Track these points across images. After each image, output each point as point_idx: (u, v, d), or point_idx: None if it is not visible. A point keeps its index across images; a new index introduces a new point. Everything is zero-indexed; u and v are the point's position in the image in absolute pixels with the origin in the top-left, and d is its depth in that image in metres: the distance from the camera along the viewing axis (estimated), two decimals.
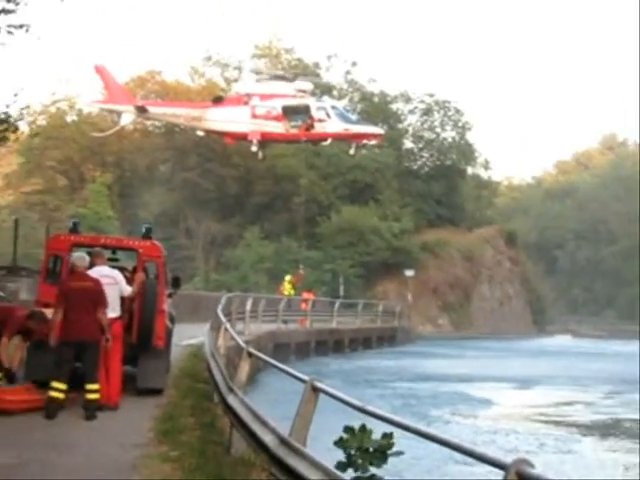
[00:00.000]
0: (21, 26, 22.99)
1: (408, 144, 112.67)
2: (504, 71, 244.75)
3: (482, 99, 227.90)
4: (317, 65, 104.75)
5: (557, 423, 35.26)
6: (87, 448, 15.62)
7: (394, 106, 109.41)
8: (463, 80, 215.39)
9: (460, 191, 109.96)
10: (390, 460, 10.03)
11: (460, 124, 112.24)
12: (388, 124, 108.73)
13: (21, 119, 29.11)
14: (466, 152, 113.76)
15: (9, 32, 22.98)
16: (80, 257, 18.45)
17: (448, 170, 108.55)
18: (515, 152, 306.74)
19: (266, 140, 70.01)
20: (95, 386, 17.57)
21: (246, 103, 68.92)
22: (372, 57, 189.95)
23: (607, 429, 34.63)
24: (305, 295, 62.67)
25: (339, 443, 10.48)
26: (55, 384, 17.18)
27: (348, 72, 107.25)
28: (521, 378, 51.75)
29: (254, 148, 69.95)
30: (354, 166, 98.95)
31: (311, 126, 66.89)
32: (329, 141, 75.19)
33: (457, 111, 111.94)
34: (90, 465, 14.33)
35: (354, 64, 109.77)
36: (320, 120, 67.13)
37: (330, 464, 9.88)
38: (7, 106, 28.47)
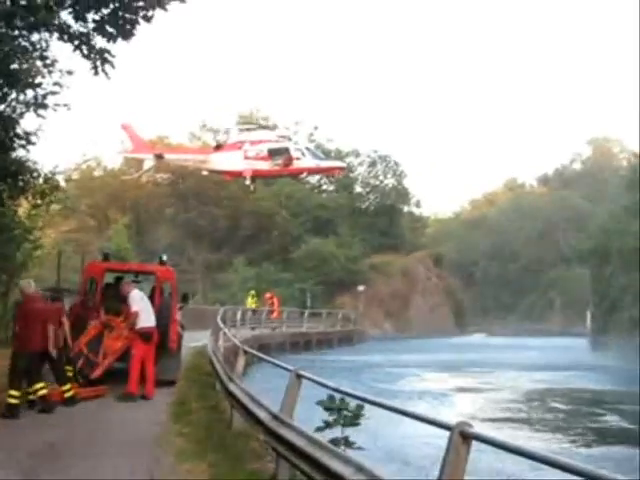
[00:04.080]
0: (65, 105, 22.94)
1: (358, 189, 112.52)
2: (432, 133, 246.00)
3: (414, 154, 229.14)
4: (287, 129, 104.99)
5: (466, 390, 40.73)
6: (119, 427, 15.65)
7: (347, 160, 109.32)
8: (401, 139, 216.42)
9: (398, 224, 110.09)
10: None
11: (398, 173, 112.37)
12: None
13: (58, 173, 28.98)
14: (402, 194, 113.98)
15: (54, 110, 22.94)
16: (26, 283, 17.50)
17: (389, 208, 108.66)
18: (439, 193, 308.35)
19: (256, 176, 70.17)
20: (40, 384, 16.61)
21: (240, 148, 68.99)
22: (330, 122, 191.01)
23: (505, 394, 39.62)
24: (267, 295, 62.13)
25: (322, 403, 10.51)
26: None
27: (311, 134, 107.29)
28: (445, 364, 54.82)
29: (247, 182, 70.19)
30: (318, 206, 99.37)
31: (290, 163, 67.14)
32: (305, 174, 75.86)
33: (395, 163, 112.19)
34: (121, 440, 14.38)
35: (316, 128, 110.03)
36: (297, 158, 67.39)
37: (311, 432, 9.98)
38: (55, 167, 28.44)
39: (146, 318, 19.54)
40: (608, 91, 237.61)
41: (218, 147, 73.88)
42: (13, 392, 15.97)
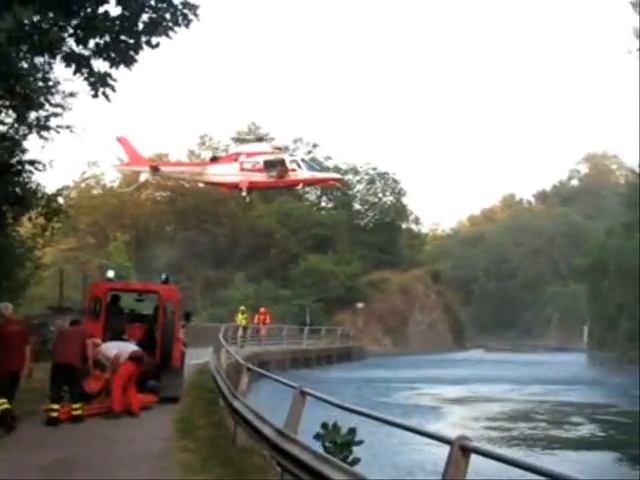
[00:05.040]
0: (67, 127, 23.27)
1: (357, 206, 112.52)
2: (430, 149, 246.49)
3: (412, 170, 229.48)
4: (286, 147, 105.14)
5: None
6: (127, 443, 15.93)
7: (346, 177, 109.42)
8: (399, 156, 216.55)
9: (397, 241, 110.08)
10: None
11: (396, 190, 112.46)
12: (341, 191, 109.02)
13: (60, 194, 29.28)
14: (401, 212, 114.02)
15: (57, 132, 23.26)
16: (4, 306, 17.93)
17: (387, 226, 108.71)
18: (437, 210, 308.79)
19: (252, 187, 70.33)
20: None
21: (236, 160, 69.16)
22: (328, 140, 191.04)
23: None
24: (262, 310, 61.11)
25: (317, 437, 10.92)
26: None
27: (310, 152, 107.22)
28: (441, 379, 55.66)
29: (244, 193, 70.33)
30: (316, 223, 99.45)
31: (285, 174, 67.31)
32: (300, 186, 76.00)
33: (394, 180, 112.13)
34: (129, 455, 14.65)
35: (315, 145, 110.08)
36: (293, 170, 67.58)
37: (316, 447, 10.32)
38: (58, 190, 28.75)
39: (125, 350, 19.85)
40: (605, 106, 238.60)
41: (214, 159, 74.12)
42: None
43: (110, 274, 24.10)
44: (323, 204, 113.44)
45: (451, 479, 6.83)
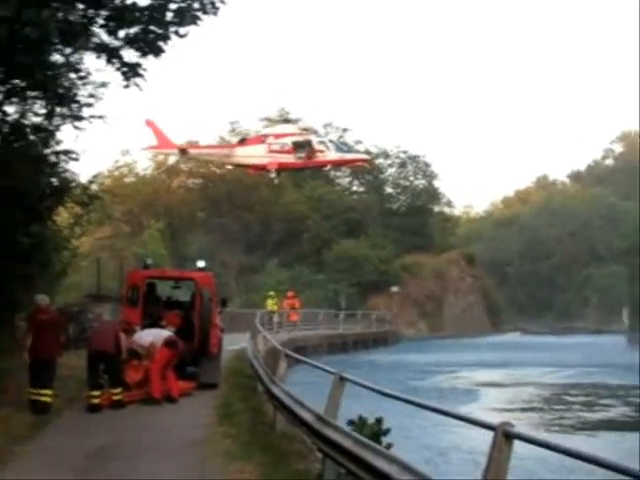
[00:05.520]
0: (100, 116, 23.38)
1: (388, 190, 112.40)
2: (463, 131, 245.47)
3: (444, 152, 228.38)
4: (316, 132, 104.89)
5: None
6: (169, 429, 16.09)
7: (377, 161, 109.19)
8: (431, 138, 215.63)
9: (429, 224, 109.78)
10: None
11: (428, 173, 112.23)
12: (372, 175, 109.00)
13: (94, 182, 29.50)
14: (433, 195, 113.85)
15: (90, 122, 23.38)
16: (40, 298, 18.56)
17: (420, 209, 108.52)
18: (470, 191, 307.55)
19: (281, 169, 70.32)
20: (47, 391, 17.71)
21: (264, 141, 69.19)
22: (359, 124, 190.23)
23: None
24: (290, 294, 58.74)
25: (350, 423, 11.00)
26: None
27: (340, 136, 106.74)
28: (477, 363, 55.56)
29: (272, 175, 70.36)
30: (348, 208, 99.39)
31: (313, 155, 67.23)
32: (328, 167, 75.89)
33: (425, 164, 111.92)
34: (171, 441, 14.80)
35: (345, 130, 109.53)
36: (321, 151, 67.50)
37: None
38: (93, 177, 29.01)
39: (158, 337, 20.03)
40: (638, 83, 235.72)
41: (242, 141, 74.16)
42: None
43: (149, 261, 24.33)
44: (355, 188, 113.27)
45: (495, 465, 6.85)
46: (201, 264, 24.00)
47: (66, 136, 24.94)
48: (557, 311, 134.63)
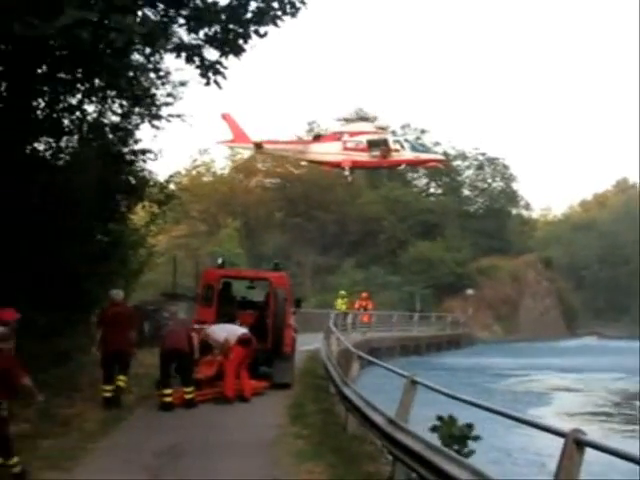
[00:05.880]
0: (178, 115, 23.58)
1: (466, 192, 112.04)
2: (541, 133, 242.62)
3: (523, 154, 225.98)
4: (394, 132, 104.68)
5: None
6: (240, 429, 16.13)
7: (454, 163, 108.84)
8: (509, 140, 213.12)
9: (507, 227, 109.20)
10: None
11: (506, 176, 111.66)
12: (450, 177, 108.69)
13: (171, 181, 29.72)
14: (511, 197, 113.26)
15: (168, 120, 23.59)
16: (115, 292, 19.10)
17: (497, 212, 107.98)
18: (548, 195, 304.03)
19: (355, 167, 70.16)
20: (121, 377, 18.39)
21: (339, 139, 69.20)
22: (436, 126, 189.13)
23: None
24: (364, 295, 55.57)
25: (434, 430, 10.89)
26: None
27: (418, 138, 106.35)
28: (552, 367, 54.60)
29: (346, 172, 70.24)
30: (425, 210, 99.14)
31: (388, 154, 66.96)
32: (403, 166, 75.40)
33: (504, 166, 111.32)
34: (242, 441, 14.83)
35: (423, 131, 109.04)
36: (396, 150, 67.21)
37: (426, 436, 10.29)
38: (170, 176, 29.26)
39: (233, 333, 20.09)
40: None
41: (317, 138, 74.16)
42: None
43: (219, 261, 24.45)
44: (432, 190, 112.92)
45: (565, 472, 6.76)
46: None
47: (144, 135, 25.21)
48: (634, 316, 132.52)
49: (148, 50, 20.12)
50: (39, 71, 18.94)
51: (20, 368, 11.61)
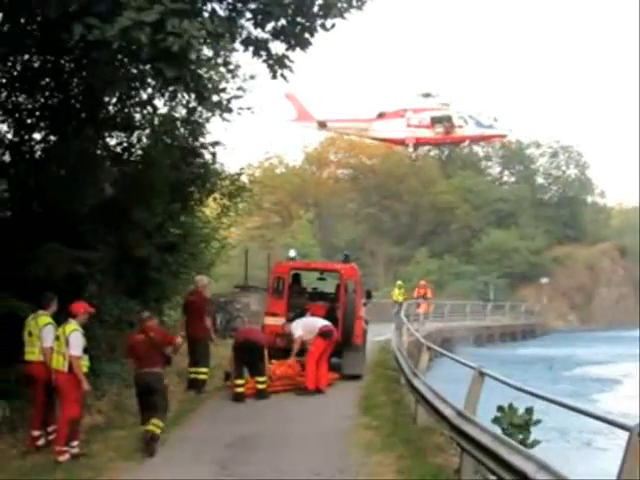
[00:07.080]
0: (248, 108, 23.64)
1: (540, 180, 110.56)
2: (617, 119, 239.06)
3: (598, 141, 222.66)
4: (465, 121, 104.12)
5: None
6: (311, 420, 16.18)
7: (528, 151, 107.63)
8: (585, 127, 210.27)
9: (582, 215, 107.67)
10: None
11: (580, 163, 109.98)
12: (523, 165, 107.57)
13: (242, 173, 29.83)
14: (586, 185, 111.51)
15: (238, 113, 23.66)
16: (199, 279, 20.10)
17: (572, 200, 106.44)
18: (625, 182, 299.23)
19: (419, 143, 69.71)
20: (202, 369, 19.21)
21: (402, 116, 68.83)
22: (510, 113, 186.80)
23: None
24: (422, 283, 52.92)
25: (495, 421, 10.81)
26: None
27: (491, 125, 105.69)
28: (625, 355, 52.93)
29: (410, 149, 69.81)
30: (498, 199, 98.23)
31: (452, 130, 66.40)
32: (467, 143, 74.57)
33: (578, 153, 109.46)
34: (312, 432, 14.87)
35: (495, 119, 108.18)
36: (460, 126, 66.63)
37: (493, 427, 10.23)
38: (241, 168, 29.44)
39: (312, 327, 20.15)
40: None
41: (380, 115, 73.75)
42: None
43: (292, 253, 24.45)
44: (505, 179, 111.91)
45: (630, 466, 6.65)
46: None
47: (215, 128, 25.30)
48: None
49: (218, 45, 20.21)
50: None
51: (169, 336, 14.00)
